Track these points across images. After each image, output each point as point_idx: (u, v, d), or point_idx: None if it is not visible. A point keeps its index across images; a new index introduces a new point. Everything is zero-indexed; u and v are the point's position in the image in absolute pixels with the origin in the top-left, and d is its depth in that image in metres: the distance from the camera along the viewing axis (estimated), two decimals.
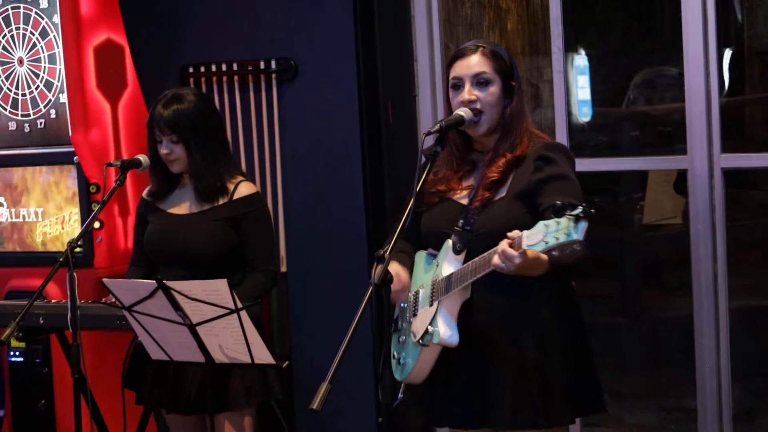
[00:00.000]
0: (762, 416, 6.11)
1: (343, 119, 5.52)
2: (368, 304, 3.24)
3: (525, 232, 3.12)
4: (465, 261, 3.56)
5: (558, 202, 3.02)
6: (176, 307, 3.91)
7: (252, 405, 4.45)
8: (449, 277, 3.56)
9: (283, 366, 4.14)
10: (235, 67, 5.69)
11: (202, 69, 5.75)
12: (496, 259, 3.24)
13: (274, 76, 5.62)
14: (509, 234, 3.21)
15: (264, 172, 5.67)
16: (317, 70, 5.56)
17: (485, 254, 3.37)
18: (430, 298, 3.64)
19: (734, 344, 4.95)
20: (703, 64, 4.85)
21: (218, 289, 3.80)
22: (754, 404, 6.12)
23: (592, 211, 2.96)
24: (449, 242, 3.62)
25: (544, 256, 3.22)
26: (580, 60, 7.52)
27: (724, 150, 4.87)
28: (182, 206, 4.49)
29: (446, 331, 3.55)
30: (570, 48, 6.41)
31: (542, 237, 3.04)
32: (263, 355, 3.94)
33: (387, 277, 3.24)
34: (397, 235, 3.34)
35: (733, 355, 4.93)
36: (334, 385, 3.09)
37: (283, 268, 5.64)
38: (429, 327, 3.58)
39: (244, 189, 4.45)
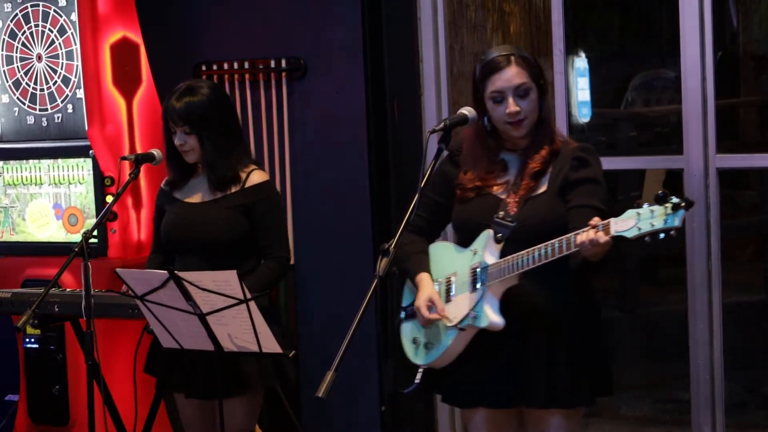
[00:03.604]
0: (753, 408, 6.17)
1: (350, 117, 5.57)
2: (373, 296, 3.35)
3: (612, 219, 3.37)
4: (503, 251, 3.69)
5: (660, 192, 3.26)
6: (187, 297, 3.95)
7: (260, 391, 4.49)
8: (498, 264, 3.66)
9: (290, 355, 4.15)
10: (246, 65, 5.73)
11: (215, 67, 5.79)
12: (583, 237, 3.42)
13: (284, 74, 5.66)
14: (591, 221, 3.42)
15: (273, 167, 5.71)
16: (326, 69, 5.60)
17: (552, 242, 3.52)
18: (470, 284, 3.74)
19: (727, 338, 4.98)
20: (699, 67, 4.89)
21: (228, 280, 3.85)
22: (746, 396, 6.18)
23: (692, 201, 3.26)
24: (490, 232, 3.73)
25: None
26: (581, 62, 7.56)
27: (719, 150, 4.92)
28: (196, 195, 4.49)
29: (493, 315, 3.67)
30: (570, 51, 6.44)
31: (635, 223, 3.30)
32: (271, 344, 3.98)
33: (391, 270, 3.38)
34: (401, 230, 3.45)
35: (725, 349, 4.97)
36: (338, 374, 3.19)
37: (291, 261, 5.62)
38: (472, 312, 3.70)
39: (256, 177, 4.45)
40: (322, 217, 5.69)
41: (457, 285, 3.79)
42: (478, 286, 3.71)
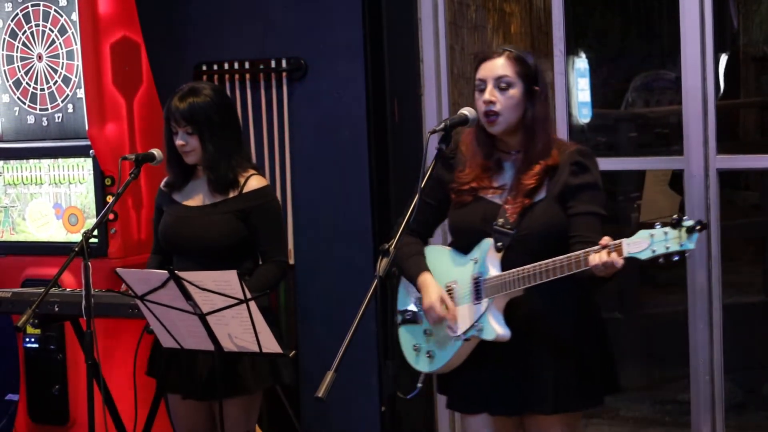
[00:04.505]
0: (753, 409, 6.18)
1: (350, 117, 5.57)
2: (373, 296, 3.34)
3: (624, 240, 3.35)
4: (504, 259, 3.68)
5: (674, 216, 3.26)
6: (187, 296, 3.95)
7: (256, 392, 4.48)
8: (503, 276, 3.64)
9: (290, 355, 4.16)
10: (246, 65, 5.73)
11: (215, 67, 5.80)
12: (596, 260, 3.40)
13: (284, 74, 5.66)
14: (602, 241, 3.40)
15: (273, 167, 5.71)
16: (326, 70, 5.61)
17: (561, 258, 3.50)
18: (472, 294, 3.72)
19: (727, 339, 4.98)
20: (699, 68, 4.89)
21: (228, 280, 3.85)
22: (746, 397, 6.19)
23: (705, 224, 3.27)
24: (490, 240, 3.71)
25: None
26: (581, 63, 7.58)
27: (719, 151, 4.92)
28: (195, 198, 4.50)
29: (499, 328, 3.65)
30: (571, 51, 6.45)
31: (648, 245, 3.29)
32: (271, 344, 3.98)
33: (391, 270, 3.36)
34: (401, 231, 3.45)
35: (725, 350, 4.98)
36: (338, 374, 3.19)
37: (291, 261, 5.66)
38: (477, 324, 3.68)
39: (255, 182, 4.45)
40: (322, 217, 5.69)
41: (459, 294, 3.77)
42: (483, 297, 3.69)
